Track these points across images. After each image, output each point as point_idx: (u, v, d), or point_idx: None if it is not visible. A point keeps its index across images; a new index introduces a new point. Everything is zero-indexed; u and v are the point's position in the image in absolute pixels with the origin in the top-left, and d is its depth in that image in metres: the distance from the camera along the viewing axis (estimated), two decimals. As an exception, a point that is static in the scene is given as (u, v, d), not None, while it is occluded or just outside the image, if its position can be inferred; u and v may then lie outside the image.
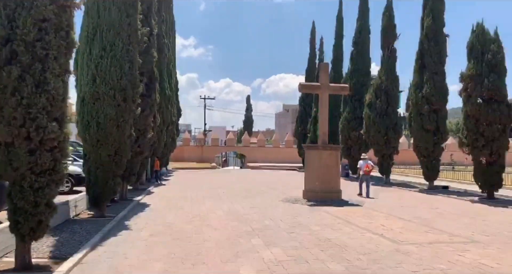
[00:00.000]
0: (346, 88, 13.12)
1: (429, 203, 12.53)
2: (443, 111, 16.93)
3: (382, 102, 20.46)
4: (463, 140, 13.99)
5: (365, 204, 11.58)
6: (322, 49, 32.73)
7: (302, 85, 12.52)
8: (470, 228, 8.03)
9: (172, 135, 25.31)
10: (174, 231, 7.51)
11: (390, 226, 7.96)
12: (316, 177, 11.66)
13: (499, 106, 13.25)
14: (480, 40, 13.81)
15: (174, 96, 25.57)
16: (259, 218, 8.82)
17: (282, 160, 38.61)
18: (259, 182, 20.02)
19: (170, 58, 23.82)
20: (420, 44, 17.59)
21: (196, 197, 13.20)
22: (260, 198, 12.69)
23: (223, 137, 57.13)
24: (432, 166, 16.93)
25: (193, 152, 41.17)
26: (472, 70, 13.61)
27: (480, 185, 13.83)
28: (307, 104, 33.96)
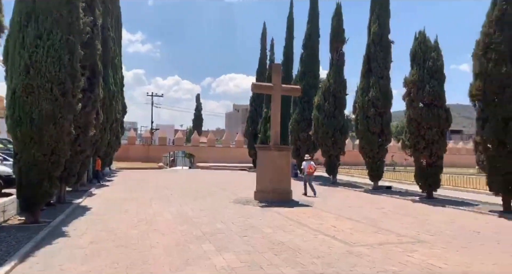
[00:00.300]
0: (298, 90, 13.20)
1: (375, 203, 12.95)
2: (387, 115, 17.70)
3: (330, 105, 20.99)
4: (406, 142, 14.69)
5: (315, 204, 11.68)
6: (273, 50, 33.05)
7: (255, 85, 12.38)
8: (415, 227, 8.33)
9: (117, 134, 24.05)
10: (117, 237, 6.96)
11: (340, 227, 8.02)
12: (268, 178, 11.56)
13: (438, 111, 14.05)
14: (422, 48, 14.57)
15: (119, 92, 24.31)
16: (210, 221, 8.50)
17: (232, 160, 38.38)
18: (209, 182, 19.60)
19: (116, 52, 22.60)
20: (367, 49, 18.26)
21: (142, 198, 12.53)
22: (211, 200, 12.34)
23: (171, 135, 55.60)
24: (377, 166, 17.63)
25: (139, 151, 39.59)
26: (415, 76, 14.32)
27: (420, 185, 14.59)
28: (258, 104, 34.07)
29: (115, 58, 21.45)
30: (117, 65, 22.15)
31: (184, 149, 44.72)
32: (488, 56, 11.26)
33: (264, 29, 34.60)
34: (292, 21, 29.67)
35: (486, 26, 11.60)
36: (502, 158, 10.93)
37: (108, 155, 22.18)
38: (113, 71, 20.40)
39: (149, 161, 38.04)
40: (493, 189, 11.56)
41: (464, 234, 7.72)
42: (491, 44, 11.28)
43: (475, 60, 11.83)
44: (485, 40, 11.47)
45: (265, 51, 34.48)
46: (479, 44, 11.71)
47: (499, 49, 11.04)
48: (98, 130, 14.77)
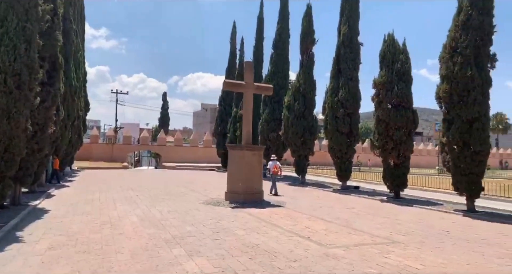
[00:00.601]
0: (270, 89, 13.01)
1: (345, 203, 13.00)
2: (356, 115, 17.91)
3: (300, 105, 21.02)
4: (374, 142, 14.89)
5: (286, 205, 11.53)
6: (243, 49, 32.73)
7: (227, 82, 12.06)
8: (387, 227, 8.34)
9: (78, 132, 22.90)
10: (79, 242, 6.43)
11: (314, 228, 7.88)
12: (240, 178, 11.28)
13: (406, 112, 14.33)
14: (391, 50, 14.81)
15: (82, 88, 23.18)
16: (179, 224, 8.10)
17: (200, 160, 37.79)
18: (177, 183, 19.03)
19: (78, 46, 21.52)
20: (337, 51, 18.40)
21: (106, 200, 11.88)
22: (179, 201, 11.89)
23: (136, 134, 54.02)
24: (345, 166, 17.79)
25: (103, 150, 38.11)
26: (384, 78, 14.53)
27: (388, 185, 14.83)
28: (227, 103, 33.69)
29: (77, 52, 20.40)
30: (80, 60, 21.09)
31: (150, 148, 43.52)
32: (454, 60, 11.56)
33: (234, 29, 34.27)
34: (262, 21, 29.54)
35: (453, 30, 11.92)
36: (467, 159, 11.26)
37: (69, 153, 21.05)
38: (76, 66, 19.39)
39: (113, 161, 36.69)
40: (457, 189, 11.89)
41: (434, 234, 7.80)
42: (457, 48, 11.60)
43: (442, 63, 12.13)
44: (452, 44, 11.79)
45: (234, 51, 34.15)
46: (446, 48, 12.02)
47: (465, 53, 11.36)
48: (58, 127, 13.91)
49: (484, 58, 11.59)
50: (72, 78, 17.48)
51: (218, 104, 35.26)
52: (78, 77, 19.64)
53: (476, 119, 11.25)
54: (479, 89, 11.27)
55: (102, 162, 35.25)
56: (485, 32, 11.55)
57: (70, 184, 17.33)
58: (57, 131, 14.04)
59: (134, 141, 44.81)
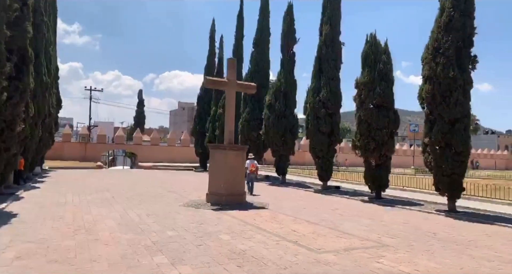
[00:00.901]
0: (253, 87, 12.68)
1: (328, 204, 12.85)
2: (337, 115, 17.84)
3: (281, 105, 20.83)
4: (356, 142, 14.84)
5: (270, 206, 11.25)
6: (222, 47, 32.32)
7: (208, 80, 11.64)
8: (374, 230, 8.19)
9: (50, 130, 21.87)
10: (50, 249, 5.92)
11: (301, 231, 7.63)
12: (222, 179, 10.90)
13: (388, 113, 14.35)
14: (373, 50, 14.79)
15: (54, 84, 22.16)
16: (160, 228, 7.66)
17: (177, 160, 37.06)
18: (155, 183, 18.43)
19: (50, 40, 20.52)
20: (319, 50, 18.28)
21: (80, 202, 11.25)
22: (158, 203, 11.40)
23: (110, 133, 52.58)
24: (326, 166, 17.70)
25: (75, 149, 36.77)
26: (366, 78, 14.49)
27: (369, 186, 14.81)
28: (205, 102, 33.13)
29: (49, 47, 19.43)
30: (52, 54, 20.10)
31: (125, 147, 42.38)
32: (437, 60, 11.59)
33: (213, 25, 33.75)
34: (243, 19, 29.17)
35: (435, 31, 11.96)
36: (449, 159, 11.31)
37: (40, 152, 20.03)
38: (47, 60, 18.45)
39: (86, 160, 35.46)
40: (439, 189, 11.95)
41: (422, 236, 7.70)
42: (439, 49, 11.63)
43: (424, 64, 12.15)
44: (434, 45, 11.82)
45: (213, 49, 33.62)
46: (429, 49, 12.05)
47: (447, 53, 11.41)
48: (27, 125, 13.12)
49: (465, 59, 11.69)
50: (43, 74, 16.59)
51: (197, 103, 34.65)
52: (49, 72, 18.70)
53: (458, 120, 11.33)
54: (461, 90, 11.35)
55: (75, 162, 33.98)
56: (467, 34, 11.64)
57: (41, 185, 16.44)
58: (26, 130, 13.25)
59: (108, 140, 43.52)
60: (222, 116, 27.92)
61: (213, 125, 29.99)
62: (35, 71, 15.68)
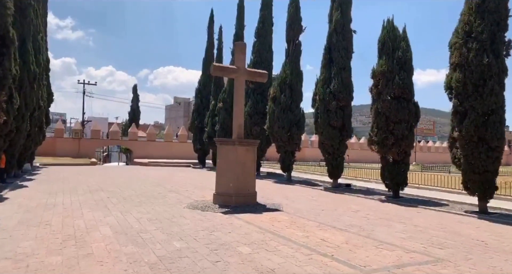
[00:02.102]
0: (265, 75, 11.40)
1: (344, 204, 11.72)
2: (348, 108, 16.68)
3: (287, 97, 19.62)
4: (373, 137, 13.69)
5: (284, 207, 10.09)
6: (221, 38, 30.98)
7: (216, 66, 10.36)
8: (414, 238, 7.07)
9: (40, 124, 20.50)
10: (30, 270, 4.72)
11: (332, 241, 6.47)
12: (231, 178, 9.70)
13: (407, 105, 13.21)
14: (391, 37, 13.62)
15: (44, 76, 20.77)
16: (165, 238, 6.47)
17: (175, 156, 35.81)
18: (153, 181, 17.19)
19: (40, 27, 19.12)
20: (328, 38, 17.08)
21: (71, 204, 10.01)
22: (159, 205, 10.19)
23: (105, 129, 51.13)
24: (337, 163, 16.56)
25: (68, 145, 35.36)
26: (384, 67, 13.33)
27: (387, 184, 13.70)
28: (204, 96, 31.89)
29: (38, 34, 18.04)
30: (41, 43, 18.70)
31: (120, 143, 41.01)
32: (468, 46, 10.45)
33: (212, 16, 32.38)
34: (243, 9, 27.86)
35: (466, 13, 10.80)
36: (482, 155, 10.21)
37: (29, 148, 18.69)
38: (35, 49, 17.09)
39: (79, 156, 34.11)
40: (468, 188, 10.86)
41: (473, 246, 6.57)
42: (471, 33, 10.49)
43: (453, 50, 11.00)
44: (465, 28, 10.66)
45: (212, 40, 32.31)
46: (458, 33, 10.91)
47: (481, 38, 10.27)
48: (12, 117, 11.84)
49: (500, 45, 10.54)
50: (31, 63, 15.24)
51: (195, 97, 33.34)
52: (38, 62, 17.32)
53: (492, 112, 10.21)
54: (496, 78, 10.21)
55: (67, 158, 32.63)
56: (501, 17, 10.49)
57: (29, 184, 15.14)
58: (11, 123, 11.96)
59: (103, 135, 42.11)
60: (222, 111, 26.72)
61: (212, 120, 28.75)
62: (22, 60, 14.36)
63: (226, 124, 26.30)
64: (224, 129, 26.35)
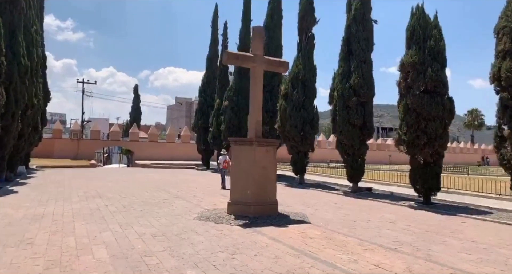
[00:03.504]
0: (286, 65, 9.97)
1: (375, 212, 10.30)
2: (370, 105, 15.27)
3: (299, 94, 18.21)
4: (402, 136, 12.27)
5: (309, 218, 8.68)
6: (226, 34, 29.59)
7: (230, 54, 8.93)
8: (486, 261, 5.66)
9: (35, 124, 19.12)
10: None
11: (390, 268, 5.06)
12: (248, 184, 8.29)
13: (442, 100, 11.80)
14: (422, 25, 12.20)
15: (39, 72, 19.38)
16: (176, 264, 5.06)
17: (177, 157, 34.40)
18: (156, 186, 15.79)
19: (34, 20, 17.76)
20: (347, 29, 15.66)
21: (62, 215, 8.62)
22: (165, 215, 8.79)
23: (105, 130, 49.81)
24: (357, 165, 15.13)
25: (67, 146, 33.97)
26: (415, 58, 11.91)
27: (417, 188, 12.28)
28: (208, 95, 30.50)
29: (31, 26, 16.67)
30: (34, 36, 17.30)
31: (121, 144, 39.63)
32: (521, 31, 9.07)
33: (216, 11, 31.00)
34: (250, 2, 26.50)
35: (516, -8, 9.43)
36: (539, 156, 8.82)
37: (22, 150, 17.31)
38: (28, 42, 15.72)
39: (79, 158, 32.73)
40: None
41: None
42: (524, 16, 9.11)
43: (502, 35, 9.62)
44: (516, 11, 9.29)
45: (216, 37, 30.94)
46: (508, 16, 9.52)
47: (536, 21, 8.89)
48: (-4, 115, 10.46)
49: (556, 29, 9.18)
50: (22, 56, 13.86)
51: (198, 95, 31.97)
52: (31, 56, 15.94)
53: (552, 106, 8.84)
54: (555, 67, 8.84)
55: (66, 160, 31.24)
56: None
57: (20, 189, 13.76)
58: (-5, 121, 10.58)
59: (103, 136, 40.75)
60: (228, 109, 25.31)
61: (217, 120, 27.35)
62: (11, 52, 13.01)
63: (232, 124, 24.94)
64: (230, 129, 24.95)
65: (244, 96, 25.79)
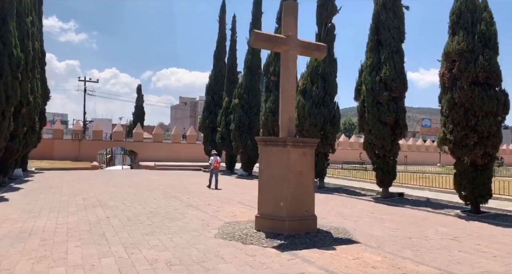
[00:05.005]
0: (324, 49, 8.28)
1: (426, 226, 8.72)
2: (402, 100, 13.69)
3: (319, 89, 16.63)
4: (447, 135, 10.68)
5: (356, 236, 7.10)
6: (235, 28, 28.05)
7: (259, 35, 7.29)
8: None
9: (32, 124, 17.66)
10: None
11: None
12: (282, 194, 6.73)
13: (495, 93, 10.22)
14: (469, 7, 10.63)
15: (36, 68, 17.92)
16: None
17: (183, 158, 32.88)
18: (164, 191, 14.26)
19: (29, 10, 16.30)
20: (376, 17, 14.08)
21: (54, 231, 7.11)
22: (178, 231, 7.25)
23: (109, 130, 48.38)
24: (389, 168, 13.53)
25: (68, 147, 32.54)
26: (463, 45, 10.33)
27: (464, 195, 10.68)
28: (215, 93, 28.97)
29: (26, 16, 15.20)
30: (29, 26, 15.82)
31: (124, 144, 38.14)
32: None
33: (223, 5, 29.46)
34: (260, -7, 24.97)
35: None
36: None
37: (16, 152, 15.82)
38: (22, 33, 14.24)
39: (80, 160, 31.29)
40: None
41: None
42: None
43: None
44: None
45: (224, 31, 29.41)
46: None
47: None
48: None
49: None
50: (14, 46, 12.36)
51: (205, 94, 30.42)
52: (25, 48, 14.46)
53: None
54: None
55: (66, 162, 29.81)
56: None
57: (12, 195, 12.26)
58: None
59: (106, 137, 39.29)
60: (238, 108, 23.75)
61: (226, 119, 25.82)
62: (1, 41, 11.51)
63: (243, 123, 23.42)
64: (240, 129, 23.44)
65: (254, 94, 24.32)
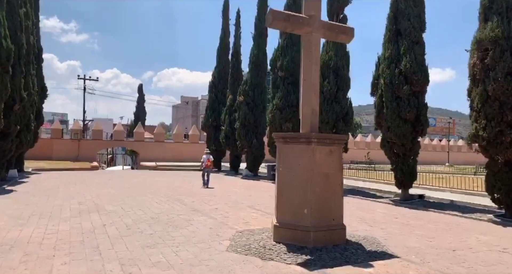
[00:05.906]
0: (351, 32, 7.12)
1: (462, 233, 7.73)
2: (423, 95, 12.68)
3: (331, 85, 15.65)
4: (479, 132, 9.68)
5: (391, 248, 6.11)
6: (239, 23, 27.06)
7: (277, 14, 6.23)
8: None
9: (26, 122, 16.72)
10: None
11: None
12: (305, 200, 5.75)
13: (535, 85, 9.21)
14: (503, -10, 9.65)
15: (31, 63, 16.97)
16: None
17: (185, 158, 31.92)
18: (166, 193, 13.29)
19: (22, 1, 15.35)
20: (393, 5, 13.04)
21: (41, 243, 6.14)
22: (184, 242, 6.28)
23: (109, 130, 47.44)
24: (409, 169, 12.52)
25: (67, 147, 31.60)
26: (497, 31, 9.33)
27: (497, 198, 9.69)
28: (219, 90, 28.01)
29: (19, 7, 14.26)
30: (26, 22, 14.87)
31: (125, 144, 37.22)
32: None
33: (226, 1, 28.48)
34: (266, -14, 23.97)
35: None
36: None
37: (9, 151, 14.87)
38: (15, 24, 13.30)
39: (79, 160, 30.38)
40: None
41: None
42: None
43: None
44: None
45: (227, 27, 28.53)
46: None
47: None
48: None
49: None
50: (3, 37, 11.40)
51: (208, 91, 29.43)
52: (18, 42, 13.52)
53: None
54: None
55: (66, 162, 28.88)
56: None
57: (2, 199, 11.31)
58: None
59: (107, 136, 38.35)
60: (243, 105, 22.76)
61: (230, 117, 24.87)
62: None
63: (248, 121, 22.46)
64: (245, 127, 22.49)
65: (260, 91, 23.34)
